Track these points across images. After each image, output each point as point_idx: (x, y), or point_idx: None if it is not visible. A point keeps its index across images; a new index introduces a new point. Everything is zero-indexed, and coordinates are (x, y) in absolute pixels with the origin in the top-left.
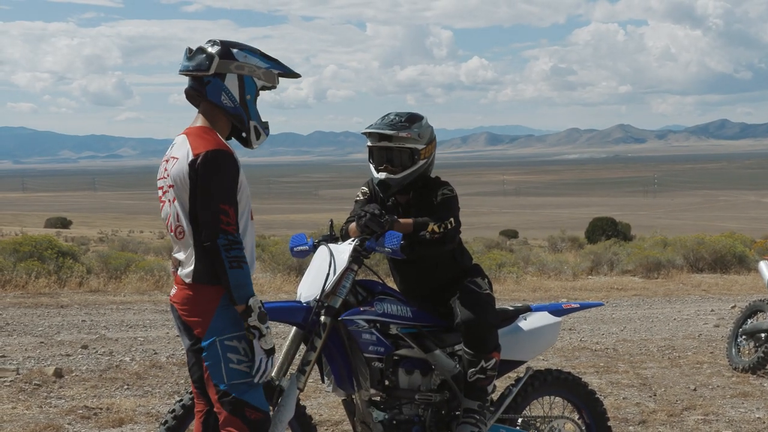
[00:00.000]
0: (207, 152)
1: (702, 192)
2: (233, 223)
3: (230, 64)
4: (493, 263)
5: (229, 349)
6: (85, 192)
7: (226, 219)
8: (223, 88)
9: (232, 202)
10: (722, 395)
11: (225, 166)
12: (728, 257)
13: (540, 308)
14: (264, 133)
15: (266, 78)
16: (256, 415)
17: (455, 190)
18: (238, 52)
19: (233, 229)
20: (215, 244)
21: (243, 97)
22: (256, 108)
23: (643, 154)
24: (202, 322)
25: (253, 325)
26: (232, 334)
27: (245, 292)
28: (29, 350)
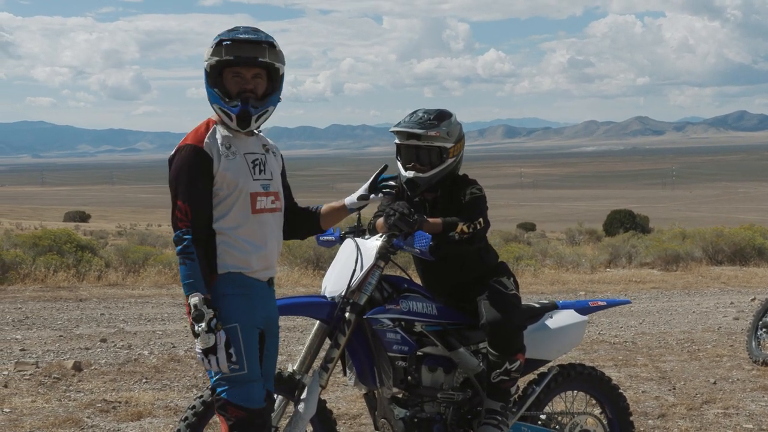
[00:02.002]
0: (180, 147)
1: (721, 184)
2: (185, 220)
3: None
4: (511, 256)
5: None
6: (104, 186)
7: (178, 215)
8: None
9: (186, 199)
10: (742, 389)
11: (184, 162)
12: (747, 249)
13: (566, 305)
14: (232, 112)
15: (213, 54)
16: (237, 413)
17: (483, 189)
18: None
19: (183, 225)
20: (174, 238)
21: (205, 84)
22: (215, 90)
23: (661, 146)
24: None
25: (191, 323)
26: None
27: (187, 288)
28: (48, 344)
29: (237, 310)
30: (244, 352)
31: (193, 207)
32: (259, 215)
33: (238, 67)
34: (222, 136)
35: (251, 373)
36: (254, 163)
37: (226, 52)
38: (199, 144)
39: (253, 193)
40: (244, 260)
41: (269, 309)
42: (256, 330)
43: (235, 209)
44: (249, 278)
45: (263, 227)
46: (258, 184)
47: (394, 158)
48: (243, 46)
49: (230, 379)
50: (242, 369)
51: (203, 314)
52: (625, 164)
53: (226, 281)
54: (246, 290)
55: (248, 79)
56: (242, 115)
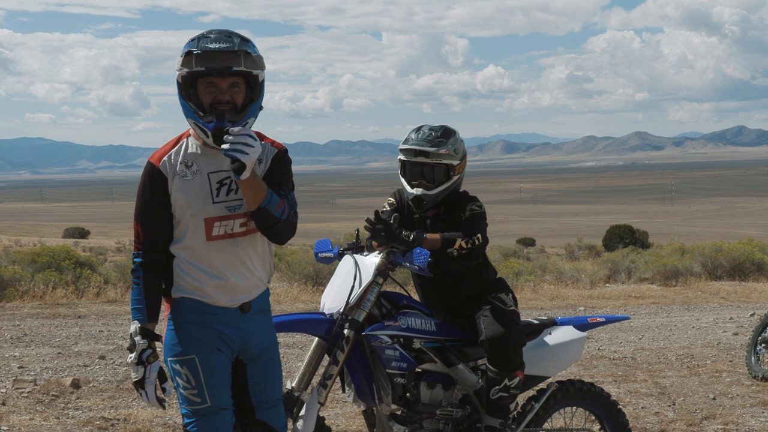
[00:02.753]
0: (146, 162)
1: (720, 199)
2: (137, 242)
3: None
4: (511, 271)
5: (174, 372)
6: (103, 202)
7: (134, 236)
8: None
9: (139, 219)
10: (742, 404)
11: (142, 180)
12: (747, 264)
13: (565, 322)
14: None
15: (183, 65)
16: None
17: (483, 206)
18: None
19: (135, 247)
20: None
21: (178, 96)
22: (187, 102)
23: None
24: (162, 333)
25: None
26: (174, 357)
27: (132, 312)
28: (47, 361)
29: (194, 338)
30: (205, 384)
31: (144, 228)
32: (216, 242)
33: (211, 77)
34: (187, 153)
35: (216, 403)
36: (221, 183)
37: (196, 62)
38: (156, 162)
39: (209, 219)
40: (199, 288)
41: (244, 336)
42: (223, 356)
43: (189, 235)
44: (208, 305)
45: (222, 255)
46: (221, 206)
47: (395, 174)
48: (215, 55)
49: (195, 412)
50: (204, 402)
51: (135, 344)
52: (625, 179)
53: (183, 307)
54: (205, 317)
55: (224, 89)
56: (217, 131)
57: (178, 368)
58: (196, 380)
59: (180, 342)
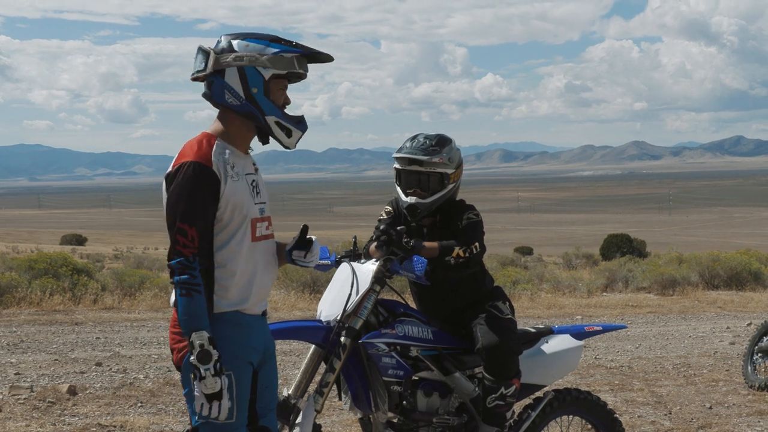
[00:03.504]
0: (182, 165)
1: (717, 209)
2: (191, 246)
3: (227, 57)
4: (508, 280)
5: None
6: (101, 209)
7: (182, 240)
8: (224, 85)
9: (194, 222)
10: (738, 413)
11: (193, 182)
12: (744, 274)
13: (562, 330)
14: (297, 129)
15: (275, 64)
16: None
17: (480, 214)
18: (240, 42)
19: (189, 252)
20: (170, 266)
21: (248, 91)
22: (271, 101)
23: (658, 170)
24: (181, 350)
25: (193, 364)
26: None
27: (191, 325)
28: (43, 368)
29: (232, 355)
30: (237, 401)
31: (199, 232)
32: (257, 244)
33: (286, 80)
34: (227, 155)
35: (238, 421)
36: (252, 186)
37: (299, 65)
38: (206, 162)
39: (253, 219)
40: (242, 296)
41: (265, 341)
42: (250, 371)
43: (236, 238)
44: (245, 315)
45: (262, 256)
46: (257, 208)
47: (392, 183)
48: (305, 59)
49: (217, 427)
50: (231, 417)
51: (210, 355)
52: (622, 189)
53: (222, 322)
54: (242, 329)
55: (285, 92)
56: (304, 132)
57: None
58: (230, 395)
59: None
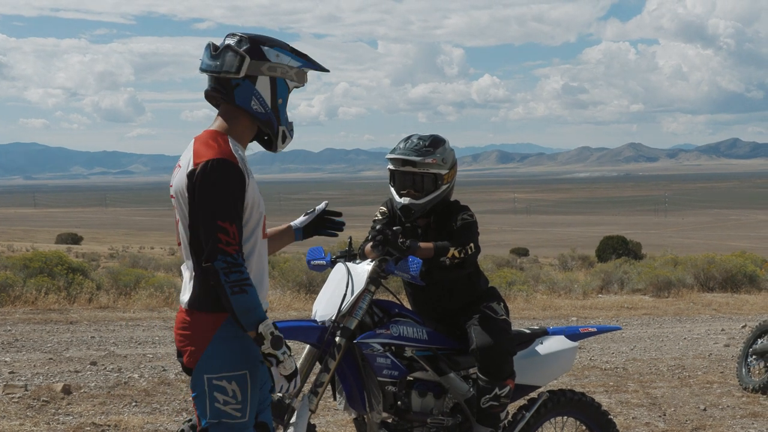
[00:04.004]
0: (208, 162)
1: (713, 211)
2: (234, 243)
3: (262, 66)
4: (504, 281)
5: (216, 389)
6: (96, 208)
7: (225, 238)
8: (254, 92)
9: (234, 219)
10: (732, 415)
11: (226, 178)
12: (739, 276)
13: (557, 331)
14: (290, 136)
15: (298, 78)
16: None
17: (474, 215)
18: (269, 50)
19: (233, 250)
20: (213, 267)
21: (275, 101)
22: (286, 111)
23: (654, 172)
24: (194, 352)
25: (267, 353)
26: (223, 374)
27: (253, 318)
28: (38, 366)
29: (245, 353)
30: (250, 399)
31: (239, 228)
32: (265, 241)
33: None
34: (241, 152)
35: (249, 420)
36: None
37: (306, 79)
38: (231, 158)
39: (264, 216)
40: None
41: None
42: (259, 369)
43: (253, 236)
44: None
45: (265, 253)
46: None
47: (387, 183)
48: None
49: (229, 426)
50: (243, 416)
51: (281, 339)
52: (618, 190)
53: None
54: None
55: None
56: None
57: (225, 384)
58: (242, 395)
59: (232, 357)
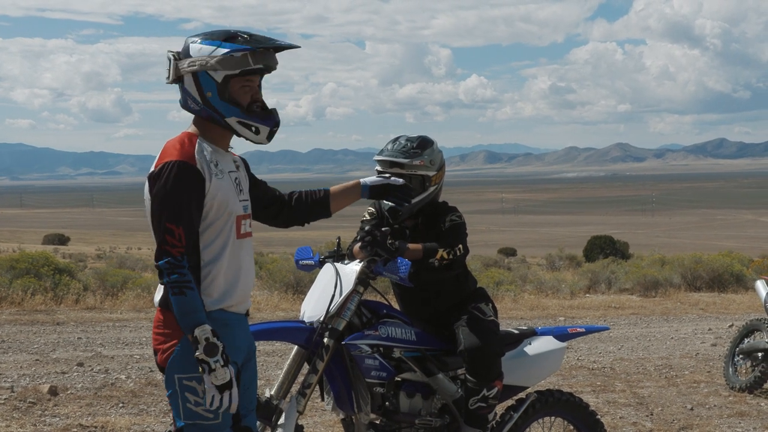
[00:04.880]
0: (165, 165)
1: (700, 211)
2: (179, 246)
3: (183, 64)
4: (491, 281)
5: (187, 389)
6: (83, 208)
7: (170, 240)
8: (185, 92)
9: (180, 222)
10: (719, 415)
11: (179, 181)
12: (726, 276)
13: (545, 332)
14: (263, 124)
15: (225, 65)
16: None
17: (463, 216)
18: (193, 45)
19: (177, 252)
20: (159, 267)
21: (203, 95)
22: (229, 101)
23: (641, 172)
24: (165, 351)
25: (200, 359)
26: (193, 374)
27: (190, 321)
28: (24, 368)
29: None
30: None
31: (187, 231)
32: (242, 241)
33: (253, 75)
34: (210, 153)
35: (224, 422)
36: (236, 183)
37: (254, 61)
38: (190, 161)
39: (238, 217)
40: (228, 293)
41: (249, 340)
42: (236, 369)
43: (221, 236)
44: (231, 314)
45: (246, 253)
46: (241, 205)
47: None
48: (271, 54)
49: (204, 428)
50: (216, 418)
51: (217, 347)
52: (606, 190)
53: (209, 322)
54: (228, 330)
55: (257, 88)
56: (276, 127)
57: (194, 385)
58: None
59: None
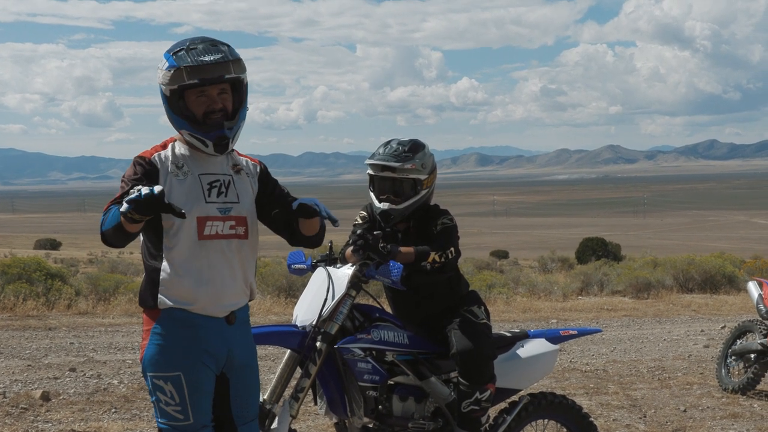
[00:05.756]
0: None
1: (691, 212)
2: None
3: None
4: (484, 284)
5: (157, 388)
6: (75, 213)
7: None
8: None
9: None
10: (712, 416)
11: (130, 170)
12: (718, 277)
13: (537, 334)
14: (206, 138)
15: (168, 80)
16: None
17: (455, 219)
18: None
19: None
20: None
21: (166, 109)
22: (177, 116)
23: (632, 174)
24: (141, 347)
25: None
26: (160, 374)
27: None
28: (16, 373)
29: (181, 355)
30: (190, 402)
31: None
32: (208, 243)
33: (203, 86)
34: (176, 155)
35: (197, 421)
36: (211, 185)
37: (188, 76)
38: (148, 155)
39: (201, 218)
40: (189, 295)
41: (230, 347)
42: (208, 372)
43: (181, 234)
44: (196, 316)
45: (212, 255)
46: (213, 207)
47: (367, 187)
48: (208, 67)
49: (176, 428)
50: (187, 419)
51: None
52: (597, 192)
53: (170, 320)
54: (193, 330)
55: (215, 98)
56: (220, 140)
57: (162, 384)
58: (180, 397)
59: (165, 358)
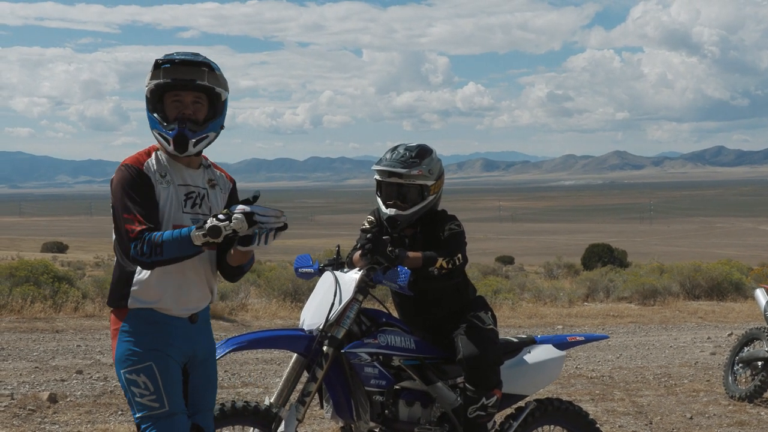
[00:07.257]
0: (118, 168)
1: (698, 219)
2: (138, 223)
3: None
4: (489, 290)
5: (130, 382)
6: (82, 216)
7: (130, 227)
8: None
9: (131, 210)
10: (719, 424)
11: (125, 179)
12: (725, 284)
13: (544, 340)
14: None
15: (151, 78)
16: None
17: (462, 224)
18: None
19: (139, 232)
20: (133, 260)
21: (146, 110)
22: (155, 116)
23: (639, 180)
24: (112, 347)
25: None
26: (130, 367)
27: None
28: (24, 375)
29: (149, 347)
30: (164, 389)
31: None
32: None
33: (177, 90)
34: (160, 164)
35: (172, 407)
36: (187, 196)
37: (164, 74)
38: (138, 165)
39: (176, 226)
40: (159, 297)
41: (194, 344)
42: (176, 364)
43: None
44: (161, 315)
45: (188, 263)
46: (188, 217)
47: (373, 191)
48: (181, 68)
49: (153, 417)
50: (163, 406)
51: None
52: (604, 198)
53: (137, 318)
54: (158, 327)
55: (187, 103)
56: (178, 138)
57: (135, 377)
58: (154, 386)
59: (135, 351)
